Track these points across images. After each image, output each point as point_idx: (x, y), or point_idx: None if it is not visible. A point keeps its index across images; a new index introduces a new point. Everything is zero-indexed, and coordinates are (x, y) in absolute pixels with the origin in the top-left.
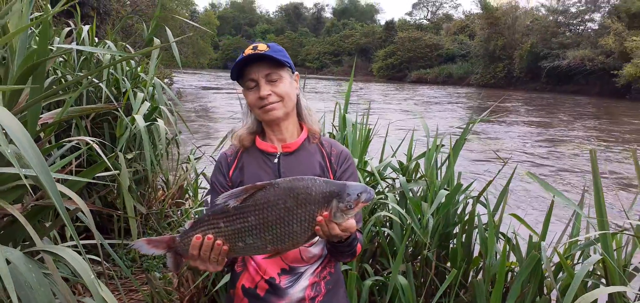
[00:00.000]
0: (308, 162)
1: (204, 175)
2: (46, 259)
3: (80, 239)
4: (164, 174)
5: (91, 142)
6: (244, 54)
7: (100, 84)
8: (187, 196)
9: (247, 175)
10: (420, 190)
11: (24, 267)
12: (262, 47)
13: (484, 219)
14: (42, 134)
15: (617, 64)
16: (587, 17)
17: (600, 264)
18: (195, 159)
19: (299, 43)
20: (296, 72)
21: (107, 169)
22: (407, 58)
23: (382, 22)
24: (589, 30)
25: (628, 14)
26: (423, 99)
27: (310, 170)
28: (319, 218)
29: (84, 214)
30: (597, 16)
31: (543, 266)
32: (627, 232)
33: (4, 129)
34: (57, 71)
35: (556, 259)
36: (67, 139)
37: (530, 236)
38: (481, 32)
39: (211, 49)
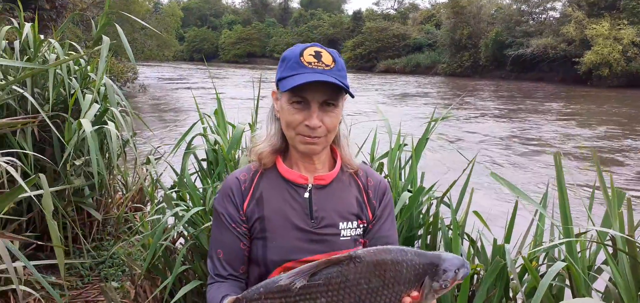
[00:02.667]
0: (344, 198)
1: (160, 182)
2: None
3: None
4: (122, 176)
5: (4, 165)
6: (303, 59)
7: (23, 91)
8: (147, 198)
9: (268, 210)
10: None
11: None
12: (326, 58)
13: (449, 221)
14: None
15: (578, 52)
16: (549, 5)
17: (565, 269)
18: (155, 159)
19: (266, 34)
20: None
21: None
22: (376, 48)
23: (350, 12)
24: (551, 18)
25: (588, 2)
26: (391, 91)
27: (346, 207)
28: (407, 299)
29: None
30: (558, 4)
31: (508, 269)
32: (590, 240)
33: None
34: None
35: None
36: None
37: (495, 240)
38: (447, 21)
39: (176, 42)
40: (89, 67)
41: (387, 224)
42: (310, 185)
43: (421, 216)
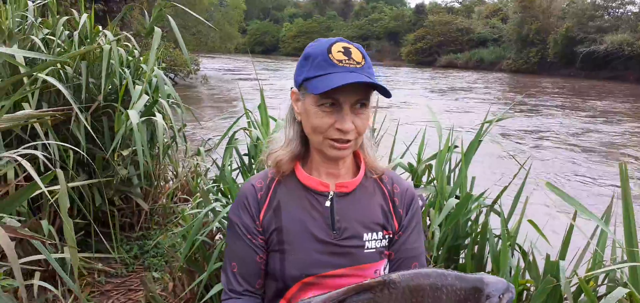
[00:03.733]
0: (368, 206)
1: (200, 175)
2: None
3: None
4: (173, 166)
5: (18, 159)
6: (332, 57)
7: (57, 84)
8: (197, 189)
9: (286, 220)
10: (429, 196)
11: None
12: (356, 55)
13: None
14: None
15: None
16: None
17: (627, 297)
18: (205, 151)
19: (327, 27)
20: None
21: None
22: (437, 42)
23: (412, 5)
24: (629, 13)
25: None
26: (451, 86)
27: (370, 217)
28: None
29: None
30: None
31: (562, 289)
32: None
33: None
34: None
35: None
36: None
37: (548, 256)
38: (514, 15)
39: (239, 34)
40: (141, 59)
41: (413, 235)
42: (332, 193)
43: (469, 224)
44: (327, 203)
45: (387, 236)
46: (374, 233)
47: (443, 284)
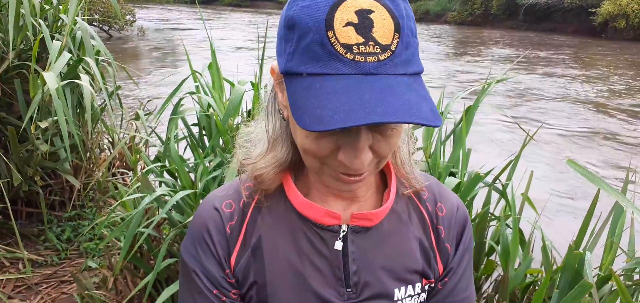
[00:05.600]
0: (401, 246)
1: (138, 150)
2: None
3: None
4: (109, 132)
5: None
6: (336, 37)
7: None
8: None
9: (271, 270)
10: None
11: None
12: (381, 27)
13: (497, 211)
14: None
15: (595, 2)
16: None
17: None
18: (145, 115)
19: None
20: None
21: None
22: None
23: None
24: None
25: None
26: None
27: (404, 263)
28: None
29: None
30: None
31: (590, 289)
32: None
33: None
34: None
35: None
36: None
37: (570, 247)
38: None
39: None
40: (61, 9)
41: (464, 281)
42: (345, 227)
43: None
44: (338, 244)
45: (427, 286)
46: (410, 286)
47: None
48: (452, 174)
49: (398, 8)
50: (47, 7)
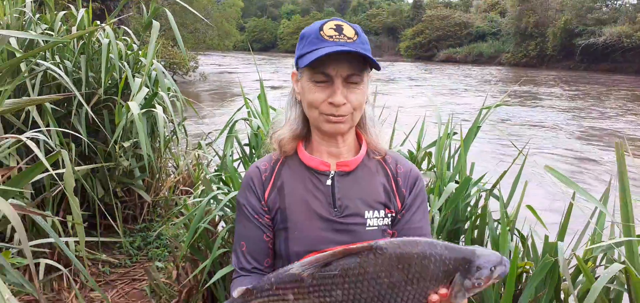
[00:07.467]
0: (369, 185)
1: (202, 166)
2: None
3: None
4: (174, 160)
5: (25, 139)
6: (323, 33)
7: (57, 70)
8: (200, 181)
9: (289, 200)
10: (429, 182)
11: None
12: (348, 31)
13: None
14: None
15: None
16: None
17: (623, 271)
18: (206, 144)
19: None
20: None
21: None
22: (436, 37)
23: (410, 1)
24: (627, 5)
25: None
26: (450, 79)
27: (372, 195)
28: (433, 297)
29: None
30: None
31: (560, 269)
32: None
33: None
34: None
35: (575, 260)
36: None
37: (546, 236)
38: (512, 9)
39: (236, 31)
40: (140, 53)
41: (418, 215)
42: (332, 172)
43: (469, 209)
44: (328, 182)
45: (389, 215)
46: (376, 211)
47: (431, 253)
48: (457, 182)
49: (357, 27)
50: (129, 52)
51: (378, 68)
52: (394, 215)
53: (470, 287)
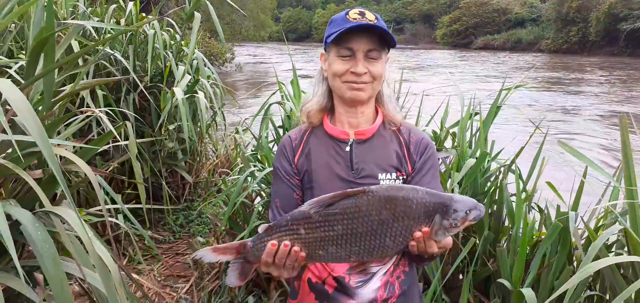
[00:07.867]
0: (383, 151)
1: (242, 148)
2: (54, 219)
3: (131, 205)
4: (213, 144)
5: (97, 113)
6: (348, 17)
7: (116, 54)
8: (236, 163)
9: (314, 163)
10: (452, 158)
11: (31, 225)
12: (370, 16)
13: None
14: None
15: None
16: None
17: (622, 233)
18: (243, 129)
19: None
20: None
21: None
22: (473, 23)
23: None
24: None
25: None
26: (484, 67)
27: (385, 160)
28: (417, 234)
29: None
30: None
31: (572, 237)
32: None
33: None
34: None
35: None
36: (74, 112)
37: (558, 206)
38: None
39: (272, 22)
40: (183, 43)
41: (427, 177)
42: (351, 139)
43: (488, 184)
44: (347, 148)
45: (400, 177)
46: (388, 174)
47: (414, 196)
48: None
49: (377, 15)
50: (172, 42)
51: (394, 44)
52: (404, 177)
53: (448, 227)
